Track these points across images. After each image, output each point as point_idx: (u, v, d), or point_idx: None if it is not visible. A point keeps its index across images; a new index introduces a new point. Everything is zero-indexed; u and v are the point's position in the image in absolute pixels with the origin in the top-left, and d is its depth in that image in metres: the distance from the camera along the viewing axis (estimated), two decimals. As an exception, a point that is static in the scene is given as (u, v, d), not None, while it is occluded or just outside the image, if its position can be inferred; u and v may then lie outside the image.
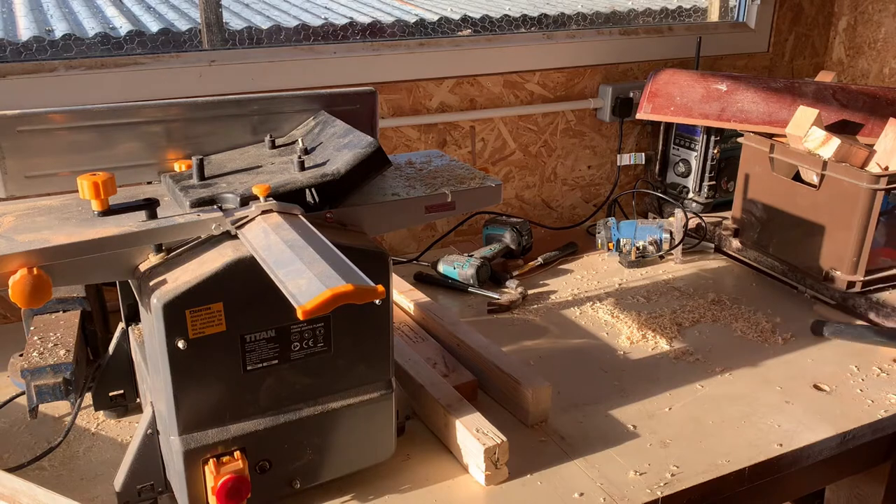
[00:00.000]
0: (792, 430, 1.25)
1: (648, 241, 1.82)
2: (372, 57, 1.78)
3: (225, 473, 0.96)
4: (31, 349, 1.16)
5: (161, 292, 0.90)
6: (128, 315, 1.19)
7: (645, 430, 1.24)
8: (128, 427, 1.25)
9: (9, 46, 1.58)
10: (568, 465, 1.16)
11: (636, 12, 2.26)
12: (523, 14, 2.12)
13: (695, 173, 2.04)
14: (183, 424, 0.95)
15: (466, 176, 1.19)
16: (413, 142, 1.88)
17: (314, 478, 1.06)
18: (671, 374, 1.41)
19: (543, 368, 1.41)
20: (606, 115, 2.08)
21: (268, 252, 0.87)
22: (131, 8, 2.00)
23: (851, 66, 2.40)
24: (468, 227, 2.00)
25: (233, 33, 1.74)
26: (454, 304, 1.66)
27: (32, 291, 0.85)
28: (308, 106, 1.21)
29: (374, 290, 0.79)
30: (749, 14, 2.31)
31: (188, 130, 1.13)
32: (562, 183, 2.14)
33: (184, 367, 0.93)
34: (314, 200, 1.02)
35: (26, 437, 1.23)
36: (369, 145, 1.06)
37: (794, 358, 1.47)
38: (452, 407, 1.17)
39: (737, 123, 1.85)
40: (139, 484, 1.04)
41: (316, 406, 1.03)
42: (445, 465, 1.16)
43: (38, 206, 1.02)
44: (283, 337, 0.98)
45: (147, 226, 0.94)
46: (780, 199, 1.74)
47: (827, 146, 1.61)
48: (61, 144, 1.06)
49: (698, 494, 1.13)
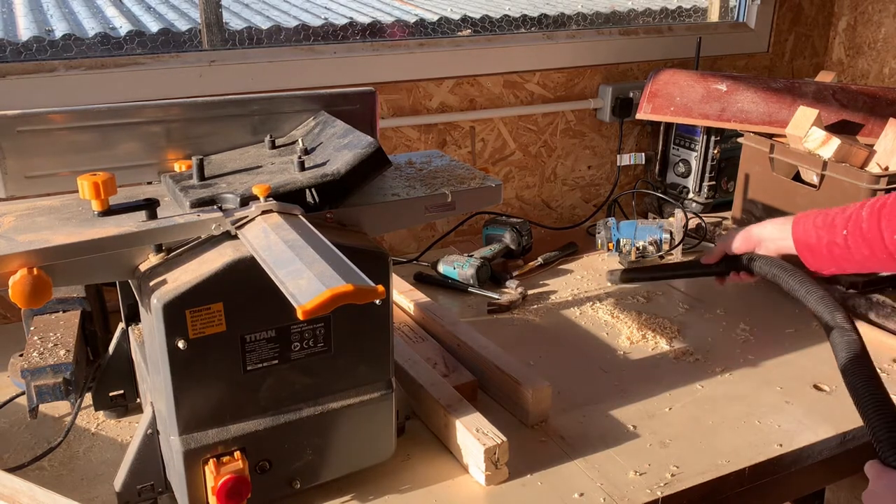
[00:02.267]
0: (792, 430, 1.25)
1: (648, 242, 1.82)
2: (372, 57, 1.78)
3: (225, 473, 0.96)
4: (31, 349, 1.16)
5: (161, 292, 0.90)
6: (128, 315, 1.19)
7: (645, 430, 1.24)
8: (128, 427, 1.25)
9: (9, 46, 1.58)
10: (568, 465, 1.16)
11: (636, 12, 2.26)
12: (523, 14, 2.13)
13: (695, 173, 2.04)
14: (183, 424, 0.95)
15: (466, 176, 1.19)
16: (413, 142, 1.88)
17: (314, 478, 1.06)
18: (671, 374, 1.41)
19: (543, 368, 1.41)
20: (606, 116, 2.08)
21: (268, 252, 0.87)
22: (131, 8, 2.00)
23: (851, 67, 2.40)
24: (468, 227, 2.00)
25: (233, 33, 1.74)
26: (454, 304, 1.66)
27: (32, 291, 0.85)
28: (308, 106, 1.21)
29: (374, 290, 0.79)
30: (749, 14, 2.31)
31: (188, 130, 1.13)
32: (562, 183, 2.14)
33: (184, 367, 0.93)
34: (314, 200, 1.02)
35: (26, 437, 1.23)
36: (369, 145, 1.06)
37: (794, 358, 1.47)
38: (452, 407, 1.17)
39: (737, 123, 1.85)
40: (139, 484, 1.04)
41: (316, 406, 1.03)
42: (445, 465, 1.16)
43: (38, 206, 1.02)
44: (283, 337, 0.98)
45: (147, 226, 0.93)
46: (780, 199, 1.74)
47: (827, 146, 1.61)
48: (61, 144, 1.06)
49: (698, 494, 1.13)
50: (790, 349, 1.49)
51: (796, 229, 1.28)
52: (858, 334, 1.11)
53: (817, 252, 1.25)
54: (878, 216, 1.19)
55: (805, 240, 1.26)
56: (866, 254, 1.20)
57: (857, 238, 1.20)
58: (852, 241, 1.20)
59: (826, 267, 1.26)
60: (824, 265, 1.26)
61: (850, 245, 1.20)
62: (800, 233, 1.28)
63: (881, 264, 1.23)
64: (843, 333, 1.11)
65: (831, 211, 1.26)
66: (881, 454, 0.94)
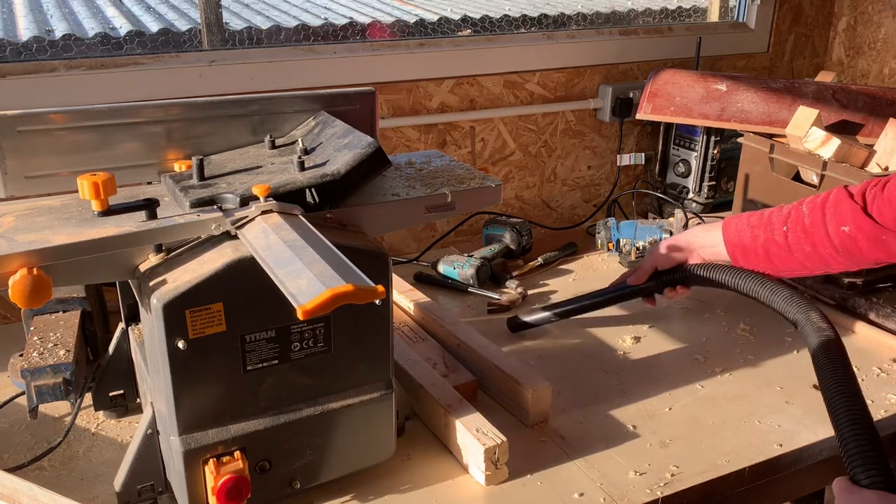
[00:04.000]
0: (792, 430, 1.25)
1: (648, 242, 1.82)
2: (372, 57, 1.78)
3: (225, 473, 0.96)
4: (31, 349, 1.16)
5: (161, 292, 0.90)
6: (128, 315, 1.19)
7: (645, 430, 1.24)
8: (128, 427, 1.25)
9: (9, 46, 1.58)
10: (568, 465, 1.16)
11: (636, 12, 2.26)
12: (523, 14, 2.13)
13: (695, 173, 2.04)
14: (183, 424, 0.95)
15: (466, 176, 1.19)
16: (413, 142, 1.88)
17: (314, 478, 1.06)
18: (671, 374, 1.41)
19: (543, 368, 1.41)
20: (606, 116, 2.08)
21: (268, 252, 0.87)
22: (131, 8, 2.00)
23: (851, 67, 2.40)
24: (468, 227, 2.00)
25: (233, 33, 1.74)
26: (454, 304, 1.66)
27: (32, 291, 0.85)
28: (308, 106, 1.21)
29: (374, 291, 0.79)
30: (749, 14, 2.31)
31: (188, 130, 1.13)
32: (562, 183, 2.14)
33: (184, 368, 0.93)
34: (314, 200, 1.02)
35: (26, 437, 1.23)
36: (369, 145, 1.06)
37: (794, 358, 1.47)
38: (452, 407, 1.17)
39: (737, 123, 1.85)
40: (139, 484, 1.04)
41: (316, 406, 1.03)
42: (445, 465, 1.16)
43: (38, 206, 1.02)
44: (283, 337, 0.98)
45: (147, 226, 0.93)
46: (780, 199, 1.73)
47: (827, 146, 1.61)
48: (61, 144, 1.06)
49: (698, 494, 1.13)
50: (790, 349, 1.49)
51: (727, 230, 1.25)
52: (836, 335, 1.07)
53: (751, 252, 1.22)
54: (821, 210, 1.17)
55: (738, 240, 1.23)
56: (808, 251, 1.18)
57: (799, 234, 1.17)
58: (793, 238, 1.18)
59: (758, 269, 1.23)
60: (757, 267, 1.24)
61: (791, 242, 1.18)
62: (732, 233, 1.25)
63: (821, 262, 1.20)
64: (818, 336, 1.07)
65: (766, 211, 1.24)
66: (851, 471, 0.91)
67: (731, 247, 1.24)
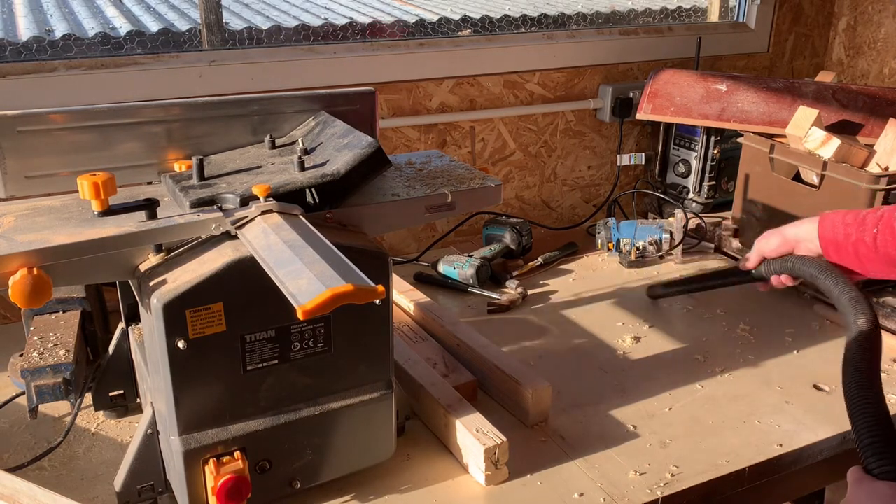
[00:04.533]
0: (792, 430, 1.25)
1: (648, 242, 1.82)
2: (372, 57, 1.78)
3: (225, 473, 0.96)
4: (31, 349, 1.16)
5: (161, 292, 0.90)
6: (128, 315, 1.19)
7: (645, 430, 1.24)
8: (128, 427, 1.25)
9: (9, 46, 1.58)
10: (568, 465, 1.16)
11: (636, 12, 2.26)
12: (523, 14, 2.13)
13: (695, 173, 2.04)
14: (183, 424, 0.95)
15: (466, 176, 1.19)
16: (413, 142, 1.88)
17: (314, 478, 1.06)
18: (671, 374, 1.41)
19: (543, 368, 1.41)
20: (606, 116, 2.08)
21: (268, 252, 0.87)
22: (131, 8, 2.00)
23: (851, 67, 2.40)
24: (468, 227, 2.00)
25: (233, 33, 1.74)
26: (454, 304, 1.66)
27: (32, 291, 0.85)
28: (308, 106, 1.21)
29: (374, 290, 0.79)
30: (749, 14, 2.31)
31: (188, 130, 1.13)
32: (562, 183, 2.14)
33: (184, 367, 0.93)
34: (314, 200, 1.02)
35: (26, 437, 1.23)
36: (369, 145, 1.06)
37: (794, 358, 1.47)
38: (452, 407, 1.17)
39: (737, 123, 1.85)
40: (139, 484, 1.04)
41: (316, 406, 1.03)
42: (445, 465, 1.16)
43: (38, 206, 1.02)
44: (283, 337, 0.98)
45: (147, 226, 0.93)
46: (780, 199, 1.74)
47: (827, 146, 1.61)
48: (61, 144, 1.06)
49: (698, 494, 1.13)
50: (790, 349, 1.49)
51: (823, 226, 1.26)
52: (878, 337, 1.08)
53: (843, 250, 1.23)
54: None
55: (832, 237, 1.24)
56: (894, 255, 1.18)
57: (887, 237, 1.17)
58: (881, 240, 1.18)
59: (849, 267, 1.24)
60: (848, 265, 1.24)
61: (879, 244, 1.18)
62: (826, 229, 1.25)
63: None
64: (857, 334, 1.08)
65: (862, 210, 1.24)
66: (864, 461, 0.92)
67: (826, 242, 1.25)
